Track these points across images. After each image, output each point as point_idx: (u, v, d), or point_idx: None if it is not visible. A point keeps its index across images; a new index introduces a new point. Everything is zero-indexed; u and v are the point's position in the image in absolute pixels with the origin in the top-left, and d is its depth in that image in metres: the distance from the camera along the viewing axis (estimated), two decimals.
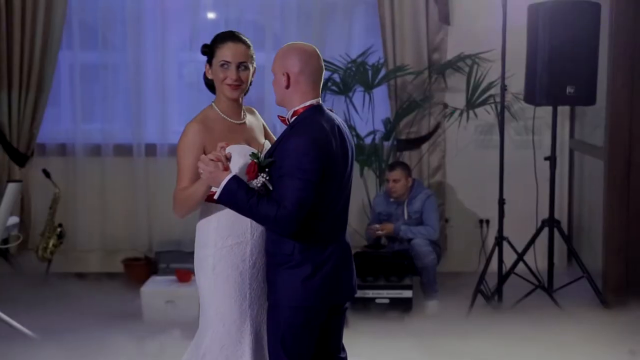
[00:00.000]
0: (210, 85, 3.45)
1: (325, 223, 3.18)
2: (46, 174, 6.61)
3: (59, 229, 6.60)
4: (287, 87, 3.15)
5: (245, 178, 3.13)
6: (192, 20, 6.67)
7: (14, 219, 5.47)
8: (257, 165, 3.13)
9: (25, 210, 6.66)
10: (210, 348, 3.33)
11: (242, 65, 3.33)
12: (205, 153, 3.22)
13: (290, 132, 3.11)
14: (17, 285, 6.19)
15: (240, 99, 3.41)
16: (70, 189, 6.75)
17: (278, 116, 3.31)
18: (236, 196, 3.05)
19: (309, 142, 3.03)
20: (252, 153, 3.17)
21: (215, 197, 3.11)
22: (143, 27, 6.66)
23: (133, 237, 6.77)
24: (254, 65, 3.40)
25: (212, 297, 3.33)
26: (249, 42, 3.38)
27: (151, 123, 6.72)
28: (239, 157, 3.22)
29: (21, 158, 6.58)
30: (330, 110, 3.26)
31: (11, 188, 5.19)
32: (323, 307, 3.22)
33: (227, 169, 3.10)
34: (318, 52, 3.21)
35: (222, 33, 3.42)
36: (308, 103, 3.16)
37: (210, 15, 6.71)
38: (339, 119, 3.26)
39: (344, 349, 3.47)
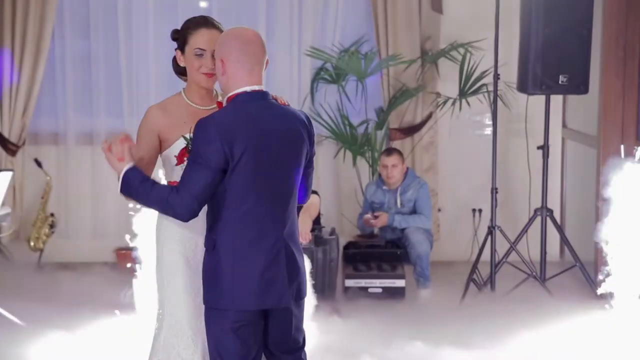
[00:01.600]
0: (180, 72, 3.36)
1: (248, 218, 3.01)
2: (38, 163, 6.60)
3: (50, 219, 6.58)
4: (223, 73, 3.06)
5: None
6: (184, 8, 6.64)
7: (5, 209, 5.45)
8: (185, 150, 3.13)
9: (16, 200, 6.63)
10: (165, 345, 3.24)
11: None
12: (160, 137, 3.21)
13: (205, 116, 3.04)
14: (9, 275, 6.18)
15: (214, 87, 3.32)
16: (62, 179, 6.74)
17: (217, 102, 3.24)
18: (132, 185, 3.02)
19: (211, 126, 2.94)
20: (184, 137, 3.15)
21: (118, 190, 3.07)
22: (135, 16, 6.63)
23: (125, 226, 6.74)
24: None
25: (165, 289, 3.24)
26: (222, 27, 3.26)
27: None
28: None
29: (12, 147, 6.56)
30: (285, 104, 3.15)
31: (2, 177, 5.17)
32: (246, 311, 3.04)
33: (121, 159, 3.06)
34: (257, 36, 3.11)
35: (194, 18, 3.29)
36: (241, 90, 3.05)
37: (203, 4, 6.69)
38: (291, 111, 3.11)
39: (303, 341, 3.27)
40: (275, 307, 3.08)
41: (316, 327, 4.59)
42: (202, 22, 3.26)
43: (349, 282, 5.80)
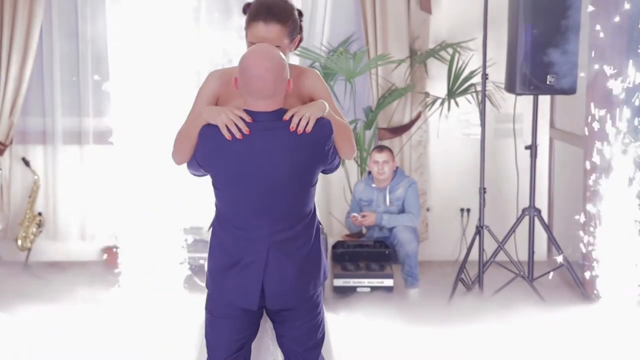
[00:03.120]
0: None
1: (233, 216, 3.15)
2: (25, 162, 6.58)
3: (38, 218, 6.57)
4: (236, 88, 3.15)
5: None
6: (173, 8, 6.61)
7: None
8: None
9: (4, 199, 6.62)
10: None
11: None
12: (216, 104, 3.22)
13: None
14: None
15: None
16: (49, 178, 6.71)
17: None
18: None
19: (202, 130, 3.11)
20: None
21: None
22: (123, 15, 6.60)
23: (113, 226, 6.73)
24: (297, 36, 3.25)
25: None
26: (285, 15, 3.18)
27: (131, 112, 6.64)
28: None
29: (0, 146, 6.53)
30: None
31: None
32: (220, 301, 3.22)
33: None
34: (269, 71, 3.03)
35: (258, 6, 3.19)
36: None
37: (192, 1, 6.65)
38: (277, 132, 3.09)
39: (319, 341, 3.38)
40: (243, 307, 3.19)
41: None
42: (262, 13, 3.18)
43: (338, 282, 5.80)
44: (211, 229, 3.25)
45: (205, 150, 3.10)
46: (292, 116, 3.09)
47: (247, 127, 3.05)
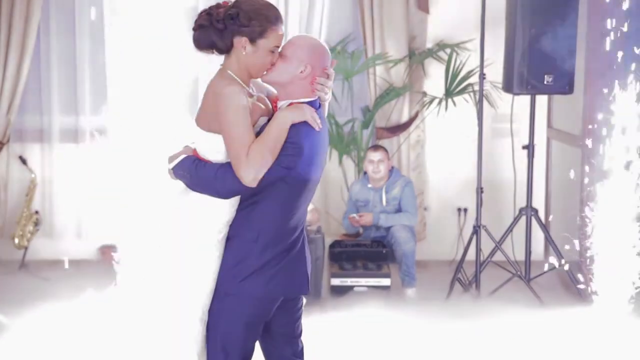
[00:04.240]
0: (222, 49, 3.14)
1: (287, 212, 3.14)
2: (22, 161, 6.58)
3: (35, 216, 6.56)
4: (303, 78, 3.13)
5: None
6: (170, 6, 6.61)
7: None
8: None
9: (1, 198, 6.61)
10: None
11: None
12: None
13: None
14: None
15: None
16: (46, 176, 6.71)
17: (273, 100, 3.22)
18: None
19: (295, 131, 3.08)
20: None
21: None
22: (120, 14, 6.60)
23: (110, 224, 6.72)
24: None
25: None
26: None
27: (127, 111, 6.65)
28: None
29: None
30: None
31: None
32: (275, 299, 3.20)
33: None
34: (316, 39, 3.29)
35: (271, 10, 3.11)
36: (308, 100, 3.15)
37: (190, 1, 6.66)
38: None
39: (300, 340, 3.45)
40: (297, 295, 3.28)
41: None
42: (280, 17, 3.13)
43: (335, 281, 5.81)
44: (259, 238, 3.14)
45: (307, 147, 3.07)
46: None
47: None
